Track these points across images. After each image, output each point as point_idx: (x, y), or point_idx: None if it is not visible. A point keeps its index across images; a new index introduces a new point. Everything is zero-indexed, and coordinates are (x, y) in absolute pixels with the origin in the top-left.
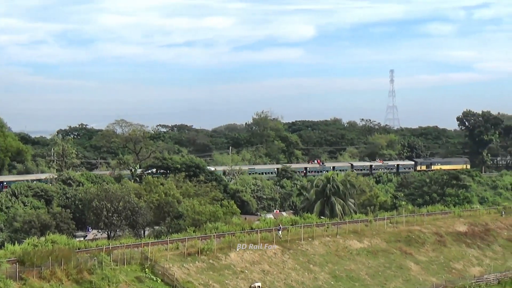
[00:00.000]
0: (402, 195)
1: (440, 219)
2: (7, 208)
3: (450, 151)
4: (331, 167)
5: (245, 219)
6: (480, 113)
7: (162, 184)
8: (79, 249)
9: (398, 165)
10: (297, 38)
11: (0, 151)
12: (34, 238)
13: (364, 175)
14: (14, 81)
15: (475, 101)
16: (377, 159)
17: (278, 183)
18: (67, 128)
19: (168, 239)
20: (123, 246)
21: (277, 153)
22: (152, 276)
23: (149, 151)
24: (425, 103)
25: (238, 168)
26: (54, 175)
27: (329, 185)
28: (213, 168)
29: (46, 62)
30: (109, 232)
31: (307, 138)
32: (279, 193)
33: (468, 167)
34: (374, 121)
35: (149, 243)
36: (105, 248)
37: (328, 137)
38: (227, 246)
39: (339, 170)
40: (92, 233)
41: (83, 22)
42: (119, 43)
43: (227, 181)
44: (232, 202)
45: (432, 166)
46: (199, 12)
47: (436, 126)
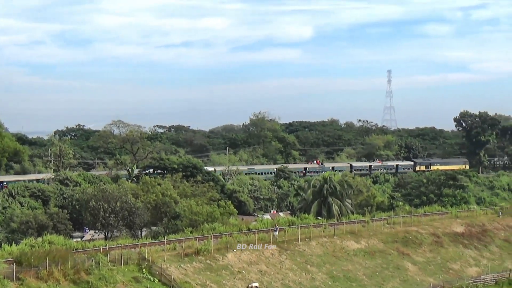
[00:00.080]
0: (399, 195)
1: (437, 219)
2: (4, 208)
3: (447, 151)
4: (331, 168)
5: (242, 219)
6: (477, 113)
7: (159, 185)
8: (76, 249)
9: (397, 165)
10: (295, 39)
11: None
12: (31, 238)
13: (364, 175)
14: (11, 81)
15: (472, 101)
16: (376, 160)
17: (275, 183)
18: (64, 129)
19: (165, 240)
20: (121, 246)
21: (274, 153)
22: (150, 277)
23: (146, 151)
24: (422, 104)
25: (235, 168)
26: (52, 175)
27: (326, 185)
28: (212, 168)
29: (44, 62)
30: (106, 233)
31: (304, 138)
32: (276, 193)
33: (467, 167)
34: (371, 121)
35: (146, 243)
36: (102, 248)
37: (325, 138)
38: (224, 247)
39: (338, 171)
40: (89, 234)
41: (81, 22)
42: (117, 43)
43: (224, 181)
44: (229, 203)
45: (432, 167)
46: (197, 12)
47: (433, 127)
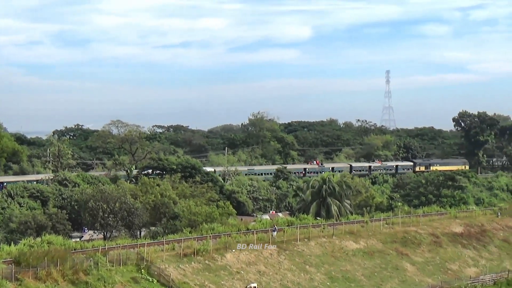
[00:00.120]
0: (398, 196)
1: (436, 220)
2: (3, 209)
3: (446, 152)
4: (330, 168)
5: (241, 220)
6: (476, 114)
7: (158, 185)
8: (75, 249)
9: (397, 166)
10: (293, 39)
11: None
12: (30, 239)
13: (364, 176)
14: (10, 81)
15: (471, 102)
16: (376, 160)
17: (274, 184)
18: (63, 129)
19: (164, 240)
20: (119, 247)
21: (273, 153)
22: (148, 277)
23: (145, 151)
24: (421, 104)
25: (234, 169)
26: (50, 176)
27: (325, 186)
28: (212, 169)
29: (42, 63)
30: (105, 233)
31: (303, 138)
32: (275, 194)
33: (467, 168)
34: (370, 121)
35: (145, 244)
36: (101, 249)
37: (324, 138)
38: (223, 247)
39: (338, 171)
40: (88, 234)
41: (79, 22)
42: (115, 43)
43: (223, 182)
44: (228, 203)
45: (431, 167)
46: (195, 13)
47: (432, 127)
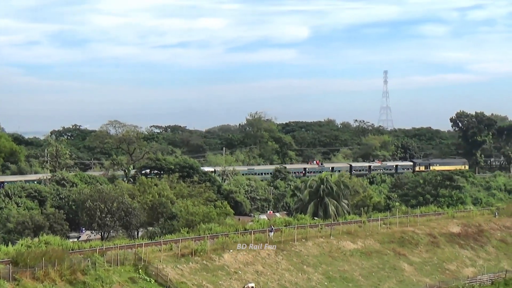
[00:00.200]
0: (396, 196)
1: (433, 220)
2: (0, 209)
3: (443, 152)
4: (330, 168)
5: (239, 220)
6: (474, 114)
7: (156, 185)
8: (72, 250)
9: (396, 166)
10: (291, 39)
11: None
12: (28, 239)
13: (364, 175)
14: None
15: (468, 102)
16: (375, 160)
17: (272, 184)
18: (61, 129)
19: (162, 240)
20: (117, 247)
21: (270, 154)
22: (146, 277)
23: (142, 151)
24: (419, 104)
25: (232, 169)
26: (48, 175)
27: (322, 186)
28: (212, 169)
29: (41, 63)
30: (102, 233)
31: (300, 139)
32: (272, 194)
33: (467, 168)
34: (368, 122)
35: (142, 244)
36: (99, 249)
37: (321, 138)
38: (221, 247)
39: (338, 171)
40: (85, 234)
41: (78, 23)
42: (114, 44)
43: (221, 182)
44: (226, 203)
45: (431, 167)
46: (193, 13)
47: (430, 127)
